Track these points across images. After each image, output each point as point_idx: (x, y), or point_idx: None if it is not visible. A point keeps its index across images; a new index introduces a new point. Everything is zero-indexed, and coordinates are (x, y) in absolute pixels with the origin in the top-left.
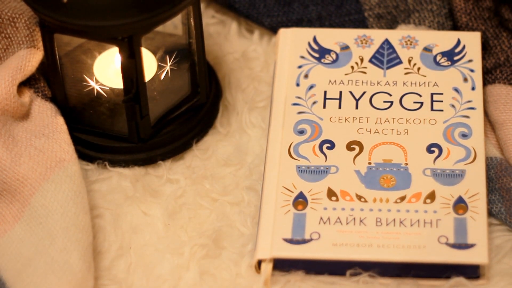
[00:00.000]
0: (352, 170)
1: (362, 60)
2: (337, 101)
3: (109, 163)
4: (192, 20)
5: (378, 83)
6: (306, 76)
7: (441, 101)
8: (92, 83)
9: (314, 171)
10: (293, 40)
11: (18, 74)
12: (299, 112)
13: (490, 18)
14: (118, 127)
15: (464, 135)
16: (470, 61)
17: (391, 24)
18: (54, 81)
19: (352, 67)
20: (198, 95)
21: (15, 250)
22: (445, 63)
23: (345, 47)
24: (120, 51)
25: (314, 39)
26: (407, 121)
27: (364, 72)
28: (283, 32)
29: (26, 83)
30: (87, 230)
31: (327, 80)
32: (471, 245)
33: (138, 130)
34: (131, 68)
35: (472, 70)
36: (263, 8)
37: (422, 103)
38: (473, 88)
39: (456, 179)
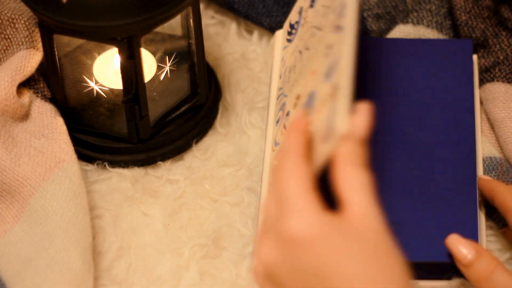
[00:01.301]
0: None
1: None
2: None
3: (108, 164)
4: (191, 21)
5: None
6: None
7: None
8: (91, 84)
9: None
10: None
11: (17, 75)
12: None
13: (490, 17)
14: (117, 128)
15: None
16: None
17: (390, 24)
18: (54, 82)
19: None
20: (197, 95)
21: (15, 250)
22: None
23: None
24: (120, 52)
25: None
26: None
27: None
28: (279, 34)
29: (26, 84)
30: (86, 230)
31: None
32: None
33: (138, 130)
34: (131, 69)
35: None
36: (262, 8)
37: None
38: None
39: None
